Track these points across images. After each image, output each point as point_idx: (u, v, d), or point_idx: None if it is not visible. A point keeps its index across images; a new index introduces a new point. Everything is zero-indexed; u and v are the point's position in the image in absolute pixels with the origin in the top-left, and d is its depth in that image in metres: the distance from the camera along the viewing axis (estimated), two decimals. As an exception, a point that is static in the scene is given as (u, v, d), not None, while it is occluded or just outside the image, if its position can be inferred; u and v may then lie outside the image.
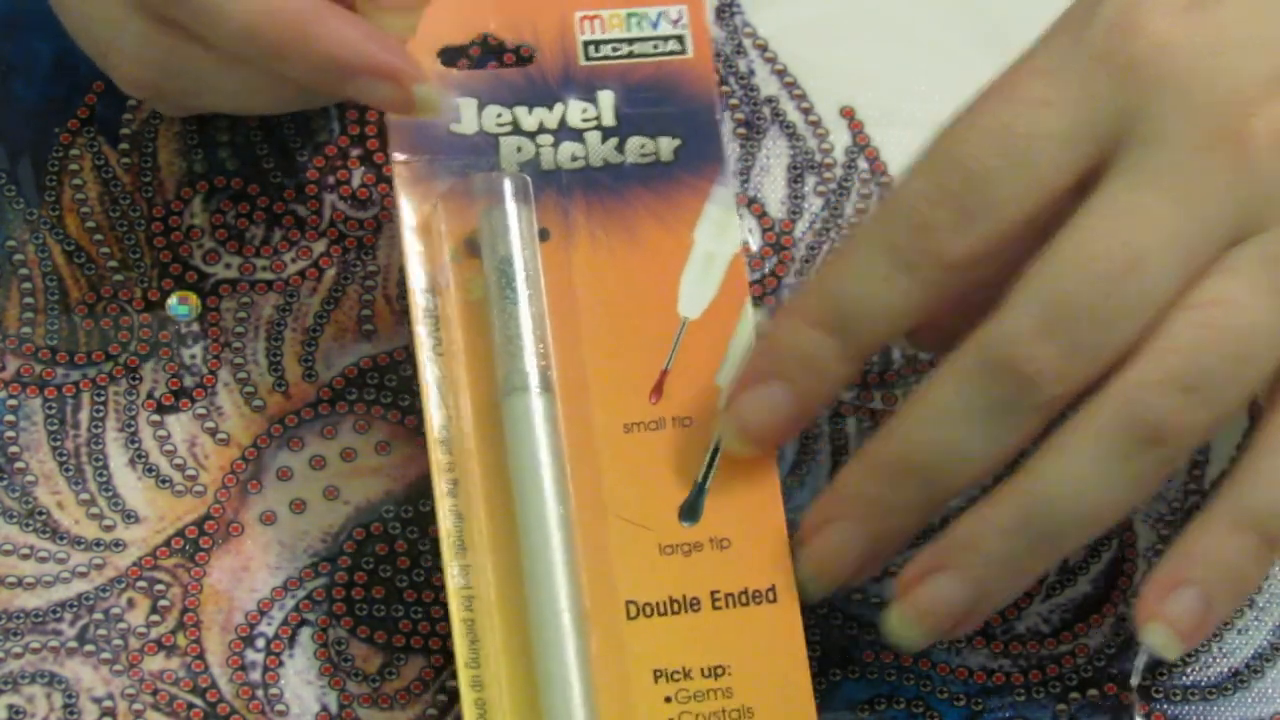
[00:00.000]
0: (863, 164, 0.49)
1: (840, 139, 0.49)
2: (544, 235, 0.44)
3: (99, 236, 0.47)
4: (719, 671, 0.42)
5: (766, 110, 0.49)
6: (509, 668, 0.41)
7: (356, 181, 0.48)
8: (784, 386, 0.41)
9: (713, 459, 0.43)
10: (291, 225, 0.47)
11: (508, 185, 0.43)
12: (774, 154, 0.49)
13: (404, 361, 0.46)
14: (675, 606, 0.42)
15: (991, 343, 0.39)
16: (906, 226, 0.39)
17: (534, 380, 0.42)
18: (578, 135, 0.44)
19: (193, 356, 0.46)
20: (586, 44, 0.45)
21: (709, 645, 0.42)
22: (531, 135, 0.44)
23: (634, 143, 0.45)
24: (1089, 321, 0.38)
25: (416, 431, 0.46)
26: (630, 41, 0.45)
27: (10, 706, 0.43)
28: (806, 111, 0.49)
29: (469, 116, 0.44)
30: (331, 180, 0.48)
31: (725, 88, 0.49)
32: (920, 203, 0.39)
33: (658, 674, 0.42)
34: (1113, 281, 0.38)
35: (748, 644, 0.42)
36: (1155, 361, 0.38)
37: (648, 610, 0.42)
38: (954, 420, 0.39)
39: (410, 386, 0.46)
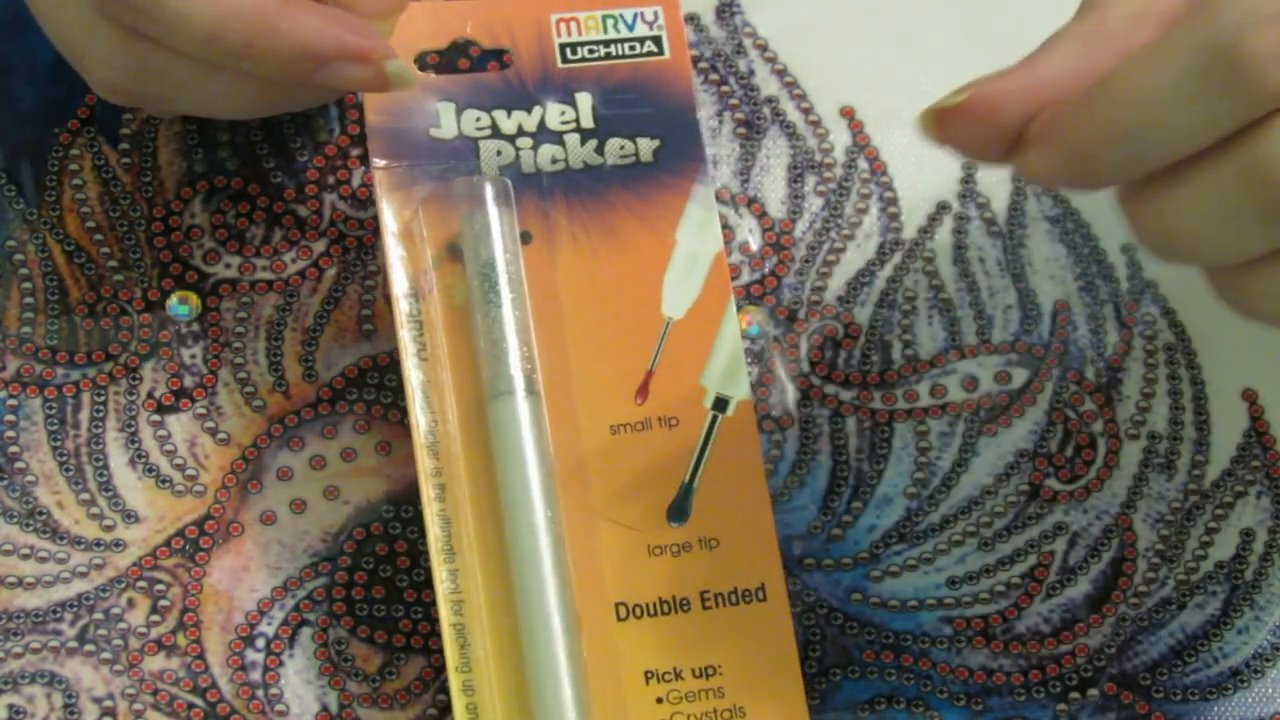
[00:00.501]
0: (863, 164, 0.49)
1: (840, 139, 0.49)
2: (526, 238, 0.44)
3: (99, 236, 0.47)
4: (710, 671, 0.42)
5: (766, 110, 0.49)
6: (499, 672, 0.41)
7: (356, 181, 0.48)
8: (1056, 155, 0.37)
9: (700, 458, 0.43)
10: (291, 225, 0.47)
11: (489, 189, 0.43)
12: (774, 154, 0.49)
13: (404, 361, 0.46)
14: (665, 607, 0.42)
15: (1218, 28, 0.34)
16: (1227, 42, 0.34)
17: (519, 384, 0.42)
18: (557, 138, 0.45)
19: (193, 356, 0.46)
20: (563, 46, 0.45)
21: (700, 645, 0.42)
22: (511, 139, 0.44)
23: (613, 144, 0.45)
24: None
25: (416, 431, 0.46)
26: (607, 43, 0.45)
27: (10, 706, 0.43)
28: (806, 111, 0.49)
29: (448, 121, 0.44)
30: (331, 180, 0.48)
31: (725, 88, 0.49)
32: (1250, 16, 0.34)
33: (649, 675, 0.42)
34: None
35: (738, 643, 0.42)
36: None
37: (638, 611, 0.42)
38: (1166, 101, 0.35)
39: (410, 386, 0.46)
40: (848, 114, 0.49)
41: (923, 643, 0.45)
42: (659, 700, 0.41)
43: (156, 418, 0.46)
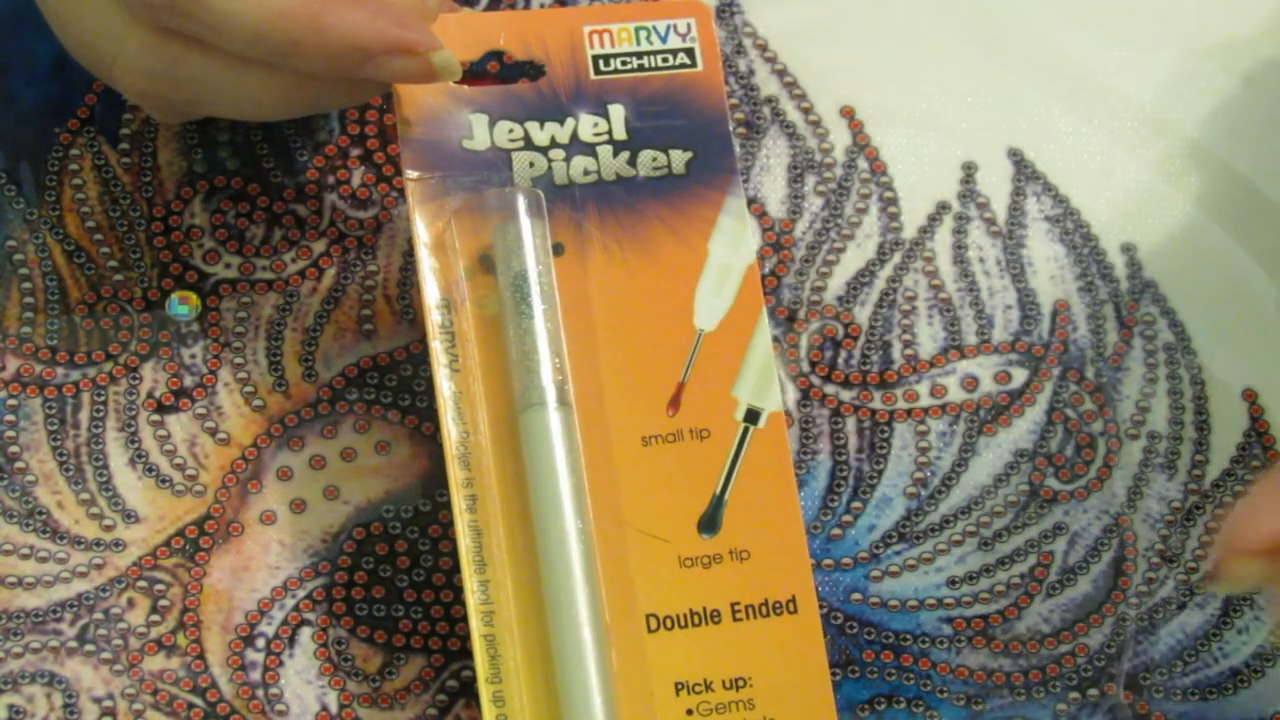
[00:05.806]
0: (863, 164, 0.49)
1: (840, 139, 0.49)
2: (558, 250, 0.44)
3: (99, 236, 0.47)
4: (740, 683, 0.42)
5: (766, 110, 0.49)
6: (530, 683, 0.41)
7: (356, 181, 0.48)
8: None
9: (731, 470, 0.43)
10: (291, 225, 0.47)
11: (521, 200, 0.43)
12: (774, 154, 0.49)
13: (404, 361, 0.46)
14: (696, 619, 0.42)
15: None
16: None
17: (551, 395, 0.42)
18: (590, 149, 0.44)
19: (193, 356, 0.46)
20: (596, 58, 0.45)
21: (730, 657, 0.42)
22: (544, 150, 0.44)
23: (646, 156, 0.45)
24: None
25: (416, 431, 0.46)
26: (640, 55, 0.45)
27: (10, 706, 0.43)
28: (806, 111, 0.49)
29: (481, 132, 0.44)
30: (331, 180, 0.48)
31: (725, 88, 0.49)
32: None
33: (679, 686, 0.42)
34: None
35: (769, 655, 0.42)
36: None
37: (668, 623, 0.42)
38: None
39: (410, 386, 0.46)
40: (847, 114, 0.49)
41: (923, 643, 0.45)
42: (689, 712, 0.41)
43: (156, 417, 0.46)
